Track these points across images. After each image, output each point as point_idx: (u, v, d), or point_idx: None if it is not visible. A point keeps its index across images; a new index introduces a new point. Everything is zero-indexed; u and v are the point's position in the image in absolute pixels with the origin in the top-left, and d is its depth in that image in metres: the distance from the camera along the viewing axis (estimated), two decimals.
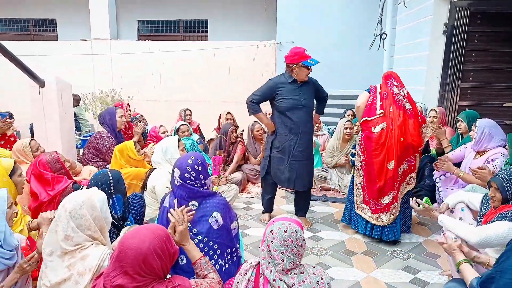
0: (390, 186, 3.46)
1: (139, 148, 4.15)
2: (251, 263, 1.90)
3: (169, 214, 2.07)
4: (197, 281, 1.81)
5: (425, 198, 2.87)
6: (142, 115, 6.11)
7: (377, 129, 3.50)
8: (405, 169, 3.50)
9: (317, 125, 5.73)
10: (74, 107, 6.22)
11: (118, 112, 4.72)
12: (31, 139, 3.79)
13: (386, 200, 3.50)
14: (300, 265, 1.81)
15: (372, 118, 3.52)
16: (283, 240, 1.74)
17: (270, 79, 3.88)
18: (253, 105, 3.77)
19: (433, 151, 4.70)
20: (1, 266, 2.05)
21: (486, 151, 3.64)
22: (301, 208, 4.07)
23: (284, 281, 1.74)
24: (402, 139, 3.41)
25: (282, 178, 3.85)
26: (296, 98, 3.67)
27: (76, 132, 5.94)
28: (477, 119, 3.74)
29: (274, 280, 1.74)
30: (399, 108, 3.45)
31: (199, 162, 2.29)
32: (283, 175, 3.82)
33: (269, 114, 6.71)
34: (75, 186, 3.22)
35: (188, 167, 2.26)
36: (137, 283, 1.55)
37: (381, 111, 3.48)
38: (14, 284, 2.05)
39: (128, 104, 5.88)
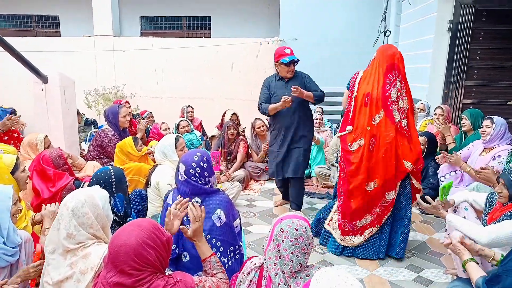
0: (367, 209, 3.08)
1: (141, 143, 4.12)
2: (255, 264, 1.86)
3: (188, 209, 2.00)
4: (201, 278, 1.76)
5: (449, 181, 2.71)
6: (151, 112, 6.08)
7: (354, 147, 3.02)
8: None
9: (318, 120, 5.75)
10: None
11: (121, 112, 4.65)
12: (46, 135, 3.79)
13: (361, 223, 3.13)
14: (307, 266, 1.76)
15: (342, 133, 3.08)
16: (294, 238, 1.69)
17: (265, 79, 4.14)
18: (262, 108, 3.99)
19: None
20: (4, 262, 2.05)
21: (493, 148, 3.70)
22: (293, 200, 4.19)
23: (290, 286, 1.67)
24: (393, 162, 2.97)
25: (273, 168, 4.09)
26: (284, 94, 3.78)
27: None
28: (493, 117, 3.77)
29: (279, 284, 1.69)
30: (391, 121, 2.92)
31: (205, 159, 2.30)
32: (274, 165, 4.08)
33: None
34: (76, 183, 3.22)
35: (193, 163, 2.27)
36: (136, 278, 1.52)
37: (349, 127, 3.00)
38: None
39: (127, 101, 5.85)
